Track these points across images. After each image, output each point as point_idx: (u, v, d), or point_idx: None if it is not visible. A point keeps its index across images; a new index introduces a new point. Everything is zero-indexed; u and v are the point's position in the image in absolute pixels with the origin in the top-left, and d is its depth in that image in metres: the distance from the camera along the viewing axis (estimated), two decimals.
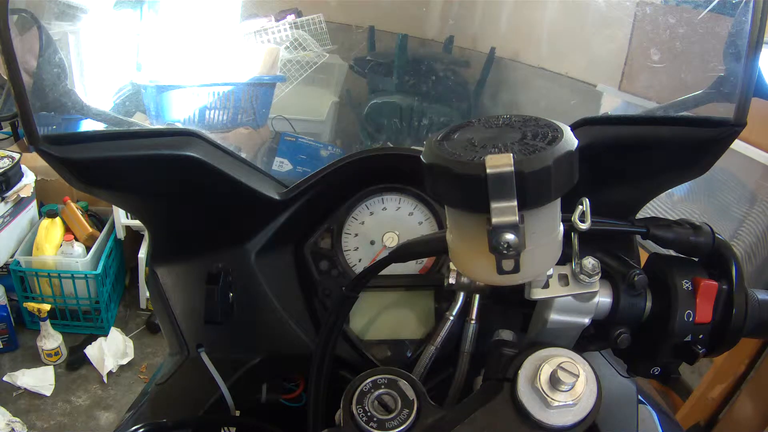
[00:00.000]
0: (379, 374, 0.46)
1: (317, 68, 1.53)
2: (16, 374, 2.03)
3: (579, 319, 0.45)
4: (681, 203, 1.60)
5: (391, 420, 0.43)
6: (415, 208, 0.69)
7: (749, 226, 1.46)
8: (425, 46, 1.83)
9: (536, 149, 0.31)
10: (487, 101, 1.75)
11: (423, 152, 0.34)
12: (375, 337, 0.67)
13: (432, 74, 1.68)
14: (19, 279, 2.15)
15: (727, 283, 0.45)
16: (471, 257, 0.36)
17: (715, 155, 0.49)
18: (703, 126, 0.47)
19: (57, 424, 1.91)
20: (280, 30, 1.47)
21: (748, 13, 0.44)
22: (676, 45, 0.67)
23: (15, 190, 2.14)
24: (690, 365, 0.45)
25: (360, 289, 0.55)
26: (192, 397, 0.62)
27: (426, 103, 1.65)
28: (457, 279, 0.54)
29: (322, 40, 1.53)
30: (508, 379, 0.41)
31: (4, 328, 2.12)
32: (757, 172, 1.43)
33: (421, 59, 1.71)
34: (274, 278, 0.67)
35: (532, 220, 0.33)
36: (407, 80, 1.67)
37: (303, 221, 0.68)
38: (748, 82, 0.45)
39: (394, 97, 1.66)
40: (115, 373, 2.11)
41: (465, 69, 1.79)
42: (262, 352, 0.66)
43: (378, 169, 0.67)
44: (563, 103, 1.70)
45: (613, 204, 0.56)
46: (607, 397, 0.40)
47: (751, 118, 0.46)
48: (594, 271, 0.42)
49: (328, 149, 1.64)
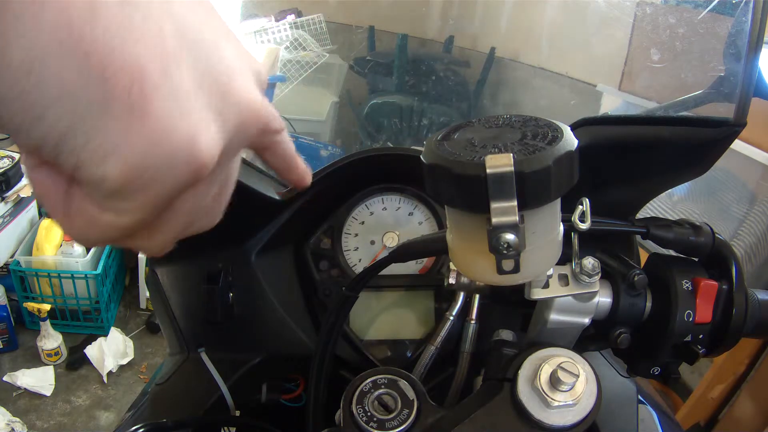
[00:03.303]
0: (379, 374, 0.46)
1: (317, 68, 1.53)
2: (16, 374, 2.03)
3: (579, 319, 0.45)
4: (681, 203, 1.60)
5: (391, 420, 0.43)
6: (415, 208, 0.69)
7: (749, 226, 1.46)
8: (425, 46, 1.83)
9: (536, 149, 0.31)
10: (487, 101, 1.76)
11: (423, 152, 0.34)
12: (375, 337, 0.67)
13: (432, 74, 1.68)
14: (19, 279, 2.15)
15: (727, 283, 0.45)
16: (471, 257, 0.36)
17: (715, 155, 0.49)
18: (703, 126, 0.47)
19: (57, 424, 1.91)
20: (280, 30, 1.47)
21: (748, 13, 0.44)
22: (676, 45, 0.67)
23: (15, 190, 2.14)
24: (690, 365, 0.45)
25: (360, 289, 0.55)
26: (192, 397, 0.62)
27: (426, 103, 1.65)
28: (457, 279, 0.54)
29: (322, 40, 1.53)
30: (508, 379, 0.41)
31: (4, 328, 2.12)
32: (757, 172, 1.43)
33: (421, 59, 1.71)
34: (274, 278, 0.67)
35: (532, 220, 0.33)
36: (407, 80, 1.67)
37: (303, 221, 0.68)
38: (748, 82, 0.45)
39: (394, 97, 1.66)
40: (115, 373, 2.11)
41: (465, 69, 1.80)
42: (262, 352, 0.66)
43: (378, 169, 0.67)
44: (563, 103, 1.70)
45: (613, 204, 0.56)
46: (607, 397, 0.40)
47: (751, 118, 0.46)
48: (594, 271, 0.42)
49: (328, 149, 1.64)
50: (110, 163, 0.18)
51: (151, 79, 0.18)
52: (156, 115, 0.18)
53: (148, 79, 0.18)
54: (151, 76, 0.18)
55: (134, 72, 0.17)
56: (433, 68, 1.69)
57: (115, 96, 0.17)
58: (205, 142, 0.20)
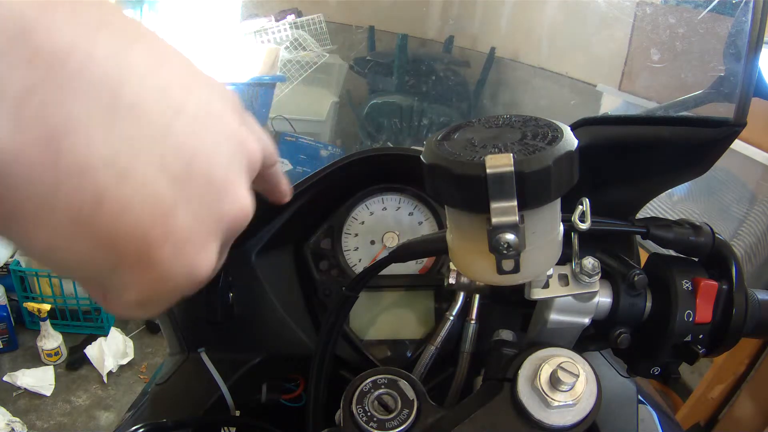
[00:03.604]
0: (379, 374, 0.46)
1: (317, 68, 1.53)
2: (16, 374, 2.03)
3: (579, 319, 0.45)
4: (681, 203, 1.60)
5: (391, 420, 0.43)
6: (415, 208, 0.69)
7: (749, 226, 1.46)
8: (425, 46, 1.83)
9: (536, 149, 0.31)
10: (487, 101, 1.76)
11: (423, 152, 0.34)
12: (375, 337, 0.67)
13: (432, 74, 1.68)
14: (19, 279, 2.15)
15: (727, 283, 0.45)
16: (471, 257, 0.36)
17: (715, 155, 0.49)
18: (703, 126, 0.47)
19: (57, 424, 1.91)
20: (280, 30, 1.47)
21: (748, 13, 0.44)
22: (676, 45, 0.67)
23: None
24: (690, 365, 0.45)
25: (360, 289, 0.55)
26: (192, 397, 0.62)
27: (426, 103, 1.65)
28: (457, 279, 0.54)
29: (322, 40, 1.53)
30: (508, 379, 0.41)
31: (4, 328, 2.12)
32: (757, 172, 1.43)
33: (421, 59, 1.72)
34: (274, 278, 0.67)
35: (532, 220, 0.33)
36: (407, 80, 1.67)
37: (303, 221, 0.68)
38: (748, 82, 0.45)
39: (394, 97, 1.66)
40: (115, 373, 2.11)
41: (465, 69, 1.80)
42: (262, 352, 0.66)
43: (378, 169, 0.67)
44: (563, 103, 1.70)
45: (613, 204, 0.56)
46: (607, 397, 0.40)
47: (751, 118, 0.45)
48: (594, 271, 0.42)
49: (328, 149, 1.64)
50: (126, 295, 0.23)
51: (155, 241, 0.21)
52: (161, 263, 0.22)
53: (153, 241, 0.21)
54: (155, 238, 0.21)
55: (139, 240, 0.21)
56: (433, 68, 1.69)
57: (124, 260, 0.21)
58: (204, 264, 0.23)
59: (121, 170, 0.20)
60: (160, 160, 0.21)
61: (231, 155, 0.24)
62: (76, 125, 0.19)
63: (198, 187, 0.22)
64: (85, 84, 0.19)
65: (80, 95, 0.19)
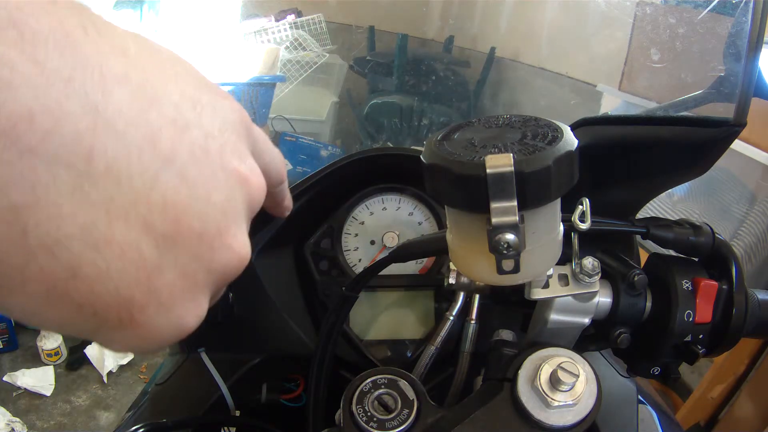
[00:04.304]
0: (379, 374, 0.46)
1: (317, 68, 1.53)
2: (16, 374, 2.03)
3: (579, 319, 0.45)
4: (681, 203, 1.60)
5: (391, 420, 0.43)
6: (415, 208, 0.69)
7: (749, 226, 1.46)
8: (425, 46, 1.83)
9: (536, 149, 0.31)
10: (487, 101, 1.76)
11: (423, 152, 0.34)
12: (375, 337, 0.67)
13: (432, 74, 1.68)
14: None
15: (727, 283, 0.45)
16: (471, 257, 0.36)
17: (715, 155, 0.49)
18: (703, 126, 0.47)
19: (57, 424, 1.91)
20: (280, 30, 1.47)
21: (748, 13, 0.44)
22: (676, 45, 0.67)
23: None
24: (690, 365, 0.45)
25: (360, 289, 0.55)
26: (192, 397, 0.62)
27: (426, 103, 1.65)
28: (457, 279, 0.54)
29: (322, 40, 1.53)
30: (508, 379, 0.41)
31: (4, 328, 2.12)
32: (757, 172, 1.43)
33: (421, 59, 1.72)
34: (274, 278, 0.67)
35: (532, 220, 0.33)
36: (407, 80, 1.67)
37: (303, 221, 0.68)
38: (748, 82, 0.45)
39: (394, 97, 1.66)
40: (115, 373, 2.11)
41: (465, 69, 1.80)
42: (262, 352, 0.66)
43: (378, 169, 0.67)
44: (563, 103, 1.70)
45: (613, 204, 0.56)
46: (607, 397, 0.40)
47: (751, 118, 0.45)
48: (594, 271, 0.42)
49: (328, 149, 1.64)
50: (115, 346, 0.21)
51: (137, 304, 0.20)
52: (145, 323, 0.20)
53: (135, 304, 0.20)
54: (137, 301, 0.20)
55: (119, 305, 0.19)
56: (433, 68, 1.69)
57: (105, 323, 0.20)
58: (193, 317, 0.22)
59: (97, 240, 0.18)
60: (143, 221, 0.19)
61: (227, 200, 0.21)
62: (43, 197, 0.16)
63: (187, 243, 0.20)
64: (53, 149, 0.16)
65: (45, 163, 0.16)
